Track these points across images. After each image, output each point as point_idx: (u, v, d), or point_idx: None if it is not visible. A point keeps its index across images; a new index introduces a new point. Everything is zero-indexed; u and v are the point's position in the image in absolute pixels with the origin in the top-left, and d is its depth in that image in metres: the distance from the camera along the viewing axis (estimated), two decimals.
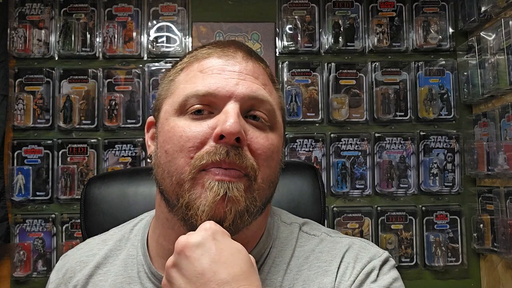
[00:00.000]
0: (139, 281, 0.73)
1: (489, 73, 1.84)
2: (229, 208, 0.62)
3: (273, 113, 0.69)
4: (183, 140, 0.65)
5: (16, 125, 2.03)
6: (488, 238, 1.91)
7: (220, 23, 2.10)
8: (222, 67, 0.68)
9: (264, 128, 0.68)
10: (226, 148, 0.63)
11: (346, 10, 2.13)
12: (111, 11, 2.11)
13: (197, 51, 0.73)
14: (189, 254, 0.57)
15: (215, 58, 0.69)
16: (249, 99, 0.67)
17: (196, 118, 0.66)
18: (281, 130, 0.73)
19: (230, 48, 0.71)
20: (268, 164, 0.67)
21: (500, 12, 1.82)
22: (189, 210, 0.63)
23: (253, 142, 0.66)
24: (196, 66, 0.70)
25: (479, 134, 1.98)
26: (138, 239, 0.78)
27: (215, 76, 0.67)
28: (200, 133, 0.65)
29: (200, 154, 0.64)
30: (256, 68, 0.70)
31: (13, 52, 2.04)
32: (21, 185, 2.00)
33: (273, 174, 0.69)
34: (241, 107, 0.66)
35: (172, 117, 0.68)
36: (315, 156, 2.06)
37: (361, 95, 2.10)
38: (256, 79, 0.69)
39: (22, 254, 1.96)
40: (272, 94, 0.71)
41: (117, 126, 2.05)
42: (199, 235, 0.58)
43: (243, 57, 0.70)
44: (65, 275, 0.79)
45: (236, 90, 0.66)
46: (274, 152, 0.68)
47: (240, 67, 0.68)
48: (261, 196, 0.66)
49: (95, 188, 1.03)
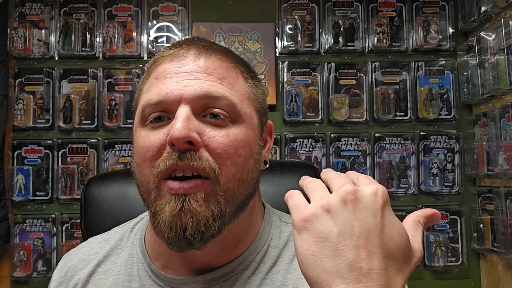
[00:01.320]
0: (138, 279, 0.73)
1: (489, 73, 1.84)
2: (189, 219, 0.62)
3: (232, 107, 0.66)
4: (144, 150, 0.65)
5: (16, 125, 2.03)
6: (488, 238, 1.91)
7: (220, 23, 2.10)
8: (174, 70, 0.67)
9: (224, 125, 0.66)
10: (178, 153, 0.62)
11: (346, 10, 2.13)
12: (111, 11, 2.11)
13: (156, 56, 0.72)
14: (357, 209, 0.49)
15: (168, 62, 0.68)
16: (201, 98, 0.65)
17: (155, 127, 0.66)
18: (252, 121, 0.69)
19: (182, 48, 0.69)
20: (233, 162, 0.65)
21: (500, 12, 1.82)
22: (155, 220, 0.64)
23: (211, 142, 0.64)
24: (153, 72, 0.70)
25: (479, 134, 1.98)
26: (138, 238, 0.78)
27: (166, 81, 0.66)
28: (157, 141, 0.65)
29: (157, 162, 0.64)
30: (209, 63, 0.67)
31: (13, 52, 2.04)
32: (21, 185, 2.00)
33: (242, 170, 0.66)
34: (194, 108, 0.64)
35: (138, 128, 0.68)
36: (315, 156, 2.06)
37: (361, 95, 2.10)
38: (210, 75, 0.66)
39: (22, 254, 1.97)
40: (235, 86, 0.68)
41: (117, 126, 2.05)
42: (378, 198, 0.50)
43: (194, 54, 0.68)
44: (66, 273, 0.79)
45: (185, 93, 0.64)
46: (240, 148, 0.66)
47: (192, 66, 0.67)
48: (229, 197, 0.65)
49: (95, 188, 1.03)
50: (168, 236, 0.63)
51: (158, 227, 0.64)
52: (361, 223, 0.48)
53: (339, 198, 0.50)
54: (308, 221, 0.50)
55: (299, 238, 0.50)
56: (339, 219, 0.49)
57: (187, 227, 0.62)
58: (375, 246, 0.48)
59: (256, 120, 0.71)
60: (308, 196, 0.53)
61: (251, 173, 0.68)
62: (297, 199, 0.53)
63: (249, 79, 0.72)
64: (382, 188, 0.51)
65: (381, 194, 0.50)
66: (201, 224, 0.63)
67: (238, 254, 0.71)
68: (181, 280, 0.70)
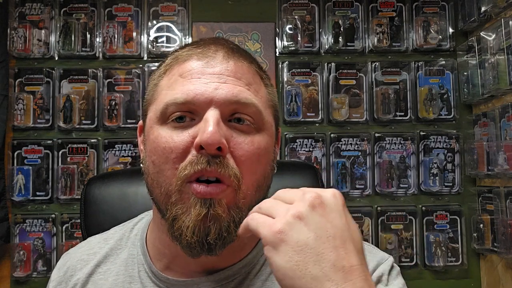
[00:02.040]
0: (139, 280, 0.73)
1: (489, 73, 1.84)
2: (213, 224, 0.62)
3: (259, 114, 0.66)
4: (167, 151, 0.63)
5: (16, 125, 2.03)
6: (488, 238, 1.91)
7: (220, 23, 2.10)
8: (202, 70, 0.65)
9: (249, 131, 0.65)
10: (207, 158, 0.61)
11: (346, 10, 2.13)
12: (111, 11, 2.11)
13: (178, 52, 0.70)
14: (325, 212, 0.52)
15: (195, 61, 0.66)
16: (231, 103, 0.63)
17: (177, 127, 0.64)
18: (271, 129, 0.69)
19: (210, 48, 0.68)
20: (254, 169, 0.65)
21: (500, 12, 1.82)
22: (175, 224, 0.63)
23: (236, 149, 0.63)
24: (177, 69, 0.67)
25: (479, 134, 1.98)
26: (139, 239, 0.78)
27: (194, 81, 0.64)
28: (182, 142, 0.63)
29: (183, 164, 0.62)
30: (238, 67, 0.66)
31: (13, 52, 2.04)
32: (21, 185, 2.00)
33: (260, 178, 0.67)
34: (223, 112, 0.63)
35: (155, 125, 0.66)
36: (315, 156, 2.06)
37: (361, 95, 2.10)
38: (239, 80, 0.65)
39: (22, 254, 1.96)
40: (259, 93, 0.68)
41: (117, 126, 2.05)
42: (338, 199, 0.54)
43: (224, 56, 0.67)
44: (66, 273, 0.79)
45: (215, 96, 0.63)
46: (261, 156, 0.66)
47: (221, 68, 0.65)
48: (247, 203, 0.65)
49: (95, 188, 1.03)
50: (190, 241, 0.62)
51: (178, 231, 0.63)
52: (332, 224, 0.51)
53: (307, 205, 0.51)
54: (283, 233, 0.50)
55: (276, 252, 0.50)
56: (313, 224, 0.51)
57: (210, 232, 0.62)
58: (349, 243, 0.51)
59: (274, 128, 0.71)
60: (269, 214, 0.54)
61: (267, 180, 0.69)
62: (259, 218, 0.54)
63: (269, 86, 0.72)
64: (337, 191, 0.55)
65: (339, 195, 0.54)
66: (224, 230, 0.62)
67: (242, 257, 0.71)
68: (183, 282, 0.70)
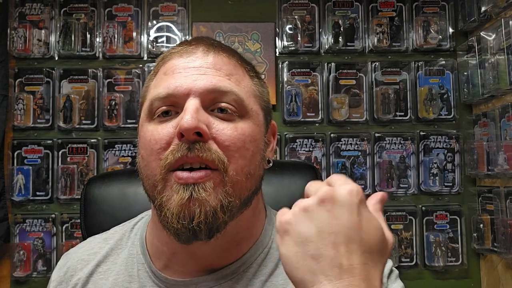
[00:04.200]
0: (138, 280, 0.73)
1: (489, 73, 1.84)
2: (197, 207, 0.62)
3: (240, 102, 0.67)
4: (151, 143, 0.66)
5: (16, 125, 2.03)
6: (488, 238, 1.91)
7: (220, 23, 2.10)
8: (183, 65, 0.68)
9: (232, 119, 0.67)
10: (188, 145, 0.63)
11: (346, 10, 2.13)
12: (111, 11, 2.11)
13: (164, 54, 0.74)
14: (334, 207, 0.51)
15: (177, 58, 0.70)
16: (210, 92, 0.66)
17: (163, 121, 0.67)
18: (258, 118, 0.70)
19: (191, 45, 0.71)
20: (242, 155, 0.66)
21: (500, 12, 1.82)
22: (162, 212, 0.64)
23: (219, 134, 0.65)
24: (162, 69, 0.71)
25: (479, 134, 1.98)
26: (138, 238, 0.78)
27: (176, 76, 0.67)
28: (166, 134, 0.65)
29: (166, 153, 0.64)
30: (218, 59, 0.69)
31: (13, 52, 2.04)
32: (21, 185, 2.00)
33: (250, 165, 0.67)
34: (203, 101, 0.65)
35: (145, 123, 0.69)
36: (315, 156, 2.06)
37: (361, 95, 2.10)
38: (218, 71, 0.68)
39: (22, 254, 1.96)
40: (242, 83, 0.70)
41: (117, 126, 2.05)
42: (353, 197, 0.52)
43: (203, 50, 0.69)
44: (66, 273, 0.79)
45: (194, 86, 0.66)
46: (248, 142, 0.67)
47: (201, 61, 0.68)
48: (237, 189, 0.65)
49: (95, 188, 1.03)
50: (176, 227, 0.63)
51: (165, 219, 0.64)
52: (338, 221, 0.50)
53: (316, 199, 0.52)
54: (289, 224, 0.52)
55: (282, 242, 0.52)
56: (317, 219, 0.51)
57: (195, 216, 0.62)
58: (354, 242, 0.50)
59: (262, 118, 0.72)
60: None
61: (258, 169, 0.69)
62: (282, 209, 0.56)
63: (255, 77, 0.74)
64: (357, 187, 0.52)
65: (356, 192, 0.52)
66: (209, 214, 0.63)
67: (240, 256, 0.71)
68: (181, 282, 0.70)
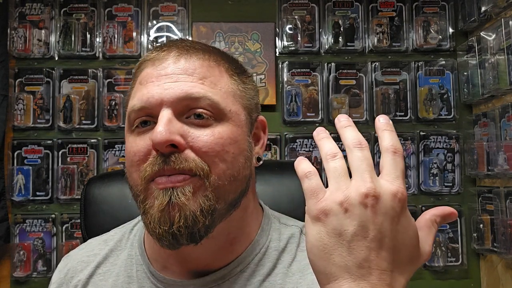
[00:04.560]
0: (137, 280, 0.73)
1: (489, 73, 1.84)
2: (177, 212, 0.62)
3: (215, 106, 0.66)
4: (131, 155, 0.66)
5: (16, 125, 2.03)
6: (488, 238, 1.91)
7: (220, 23, 2.10)
8: (155, 74, 0.67)
9: (208, 124, 0.65)
10: (163, 157, 0.63)
11: (346, 10, 2.13)
12: (111, 11, 2.11)
13: (140, 60, 0.73)
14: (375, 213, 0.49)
15: (150, 67, 0.68)
16: (181, 100, 0.64)
17: (141, 132, 0.66)
18: (239, 118, 0.68)
19: (162, 51, 0.69)
20: (222, 159, 0.65)
21: (500, 12, 1.82)
22: (146, 218, 0.65)
23: (195, 142, 0.64)
24: (138, 77, 0.70)
25: (479, 134, 1.98)
26: (137, 239, 0.78)
27: (148, 86, 0.66)
28: (143, 146, 0.65)
29: (144, 166, 0.64)
30: (190, 64, 0.67)
31: (13, 52, 2.04)
32: (21, 185, 2.00)
33: (232, 168, 0.66)
34: (176, 110, 0.64)
35: (127, 134, 0.69)
36: (315, 156, 2.06)
37: (361, 95, 2.10)
38: (190, 76, 0.66)
39: (22, 254, 1.97)
40: (218, 84, 0.68)
41: (117, 126, 2.05)
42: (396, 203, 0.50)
43: (175, 56, 0.68)
44: (66, 275, 0.79)
45: (165, 96, 0.64)
46: (227, 145, 0.65)
47: (172, 68, 0.67)
48: (220, 193, 0.65)
49: (95, 188, 1.03)
50: (158, 232, 0.63)
51: (149, 225, 0.64)
52: (376, 227, 0.49)
53: (359, 200, 0.49)
54: (325, 214, 0.49)
55: (312, 227, 0.50)
56: (356, 220, 0.48)
57: (175, 221, 0.62)
58: (386, 249, 0.49)
59: (244, 117, 0.70)
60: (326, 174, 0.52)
61: (242, 171, 0.68)
62: (314, 183, 0.51)
63: (235, 75, 0.72)
64: (402, 190, 0.50)
65: (400, 197, 0.50)
66: (189, 219, 0.62)
67: (236, 256, 0.71)
68: (179, 282, 0.70)
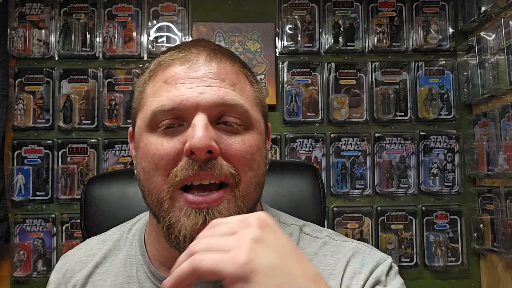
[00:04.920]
0: (137, 281, 0.73)
1: (489, 73, 1.84)
2: None
3: (245, 114, 0.66)
4: (156, 158, 0.64)
5: (16, 125, 2.03)
6: (488, 238, 1.91)
7: (220, 23, 2.10)
8: (185, 75, 0.65)
9: (238, 132, 0.65)
10: (199, 163, 0.62)
11: (346, 10, 2.13)
12: (111, 11, 2.11)
13: (161, 57, 0.71)
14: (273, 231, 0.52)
15: (178, 66, 0.66)
16: (217, 106, 0.64)
17: (167, 133, 0.64)
18: (260, 127, 0.69)
19: (192, 52, 0.68)
20: (250, 167, 0.65)
21: (500, 12, 1.82)
22: (172, 233, 0.63)
23: (228, 149, 0.64)
24: (160, 75, 0.68)
25: (479, 134, 1.98)
26: (137, 239, 0.78)
27: (179, 87, 0.65)
28: (172, 149, 0.63)
29: (174, 171, 0.63)
30: (221, 68, 0.67)
31: (13, 52, 2.04)
32: (21, 185, 2.00)
33: (258, 175, 0.67)
34: (210, 115, 0.63)
35: (145, 133, 0.66)
36: (315, 156, 2.06)
37: (361, 95, 2.10)
38: (223, 82, 0.65)
39: (22, 254, 1.96)
40: (245, 92, 0.68)
41: (117, 126, 2.05)
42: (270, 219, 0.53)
43: (206, 59, 0.67)
44: (65, 275, 0.79)
45: (201, 100, 0.63)
46: (255, 153, 0.66)
47: (204, 71, 0.65)
48: (247, 202, 0.65)
49: (95, 188, 1.03)
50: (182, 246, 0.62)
51: (176, 240, 0.63)
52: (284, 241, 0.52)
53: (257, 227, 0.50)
54: (250, 262, 0.46)
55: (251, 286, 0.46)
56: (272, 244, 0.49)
57: None
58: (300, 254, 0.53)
59: (263, 125, 0.71)
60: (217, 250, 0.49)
61: (263, 177, 0.69)
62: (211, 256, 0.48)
63: (254, 83, 0.72)
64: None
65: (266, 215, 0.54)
66: None
67: None
68: None
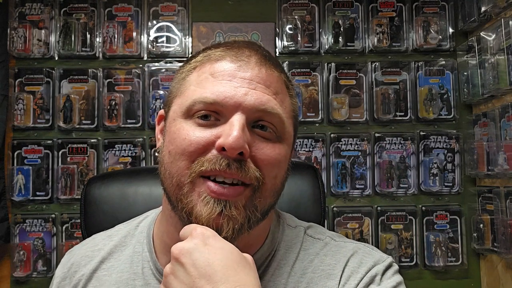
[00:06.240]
0: (142, 277, 0.74)
1: (489, 73, 1.84)
2: (226, 222, 0.63)
3: (281, 124, 0.67)
4: (185, 143, 0.64)
5: (16, 125, 2.03)
6: (488, 238, 1.91)
7: (220, 23, 2.10)
8: (233, 73, 0.66)
9: (271, 139, 0.67)
10: (228, 161, 0.62)
11: (346, 10, 2.13)
12: (111, 11, 2.11)
13: (211, 50, 0.71)
14: (184, 261, 0.58)
15: (228, 62, 0.67)
16: (257, 111, 0.65)
17: (201, 124, 0.65)
18: (290, 139, 0.71)
19: (244, 52, 0.68)
20: (275, 175, 0.66)
21: (500, 12, 1.82)
22: (190, 217, 0.64)
23: (258, 153, 0.65)
24: (208, 67, 0.68)
25: (479, 134, 1.98)
26: (144, 236, 0.79)
27: (224, 83, 0.65)
28: (203, 139, 0.64)
29: (201, 159, 0.63)
30: (269, 75, 0.67)
31: (13, 52, 2.04)
32: (21, 185, 2.00)
33: (278, 184, 0.68)
34: (248, 118, 0.64)
35: (179, 119, 0.67)
36: (315, 156, 2.06)
37: (361, 95, 2.10)
38: (267, 88, 0.66)
39: (22, 254, 1.96)
40: (284, 103, 0.69)
41: (117, 126, 2.05)
42: (192, 242, 0.59)
43: (257, 62, 0.67)
44: (70, 269, 0.80)
45: (244, 101, 0.64)
46: (282, 162, 0.67)
47: (252, 73, 0.66)
48: (263, 205, 0.66)
49: (95, 188, 1.03)
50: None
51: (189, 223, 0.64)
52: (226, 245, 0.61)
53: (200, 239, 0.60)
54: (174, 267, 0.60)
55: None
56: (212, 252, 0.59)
57: (223, 230, 0.63)
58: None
59: (292, 139, 0.72)
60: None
61: (282, 187, 0.71)
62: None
63: (294, 96, 0.73)
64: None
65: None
66: (236, 230, 0.64)
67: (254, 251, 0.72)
68: None
